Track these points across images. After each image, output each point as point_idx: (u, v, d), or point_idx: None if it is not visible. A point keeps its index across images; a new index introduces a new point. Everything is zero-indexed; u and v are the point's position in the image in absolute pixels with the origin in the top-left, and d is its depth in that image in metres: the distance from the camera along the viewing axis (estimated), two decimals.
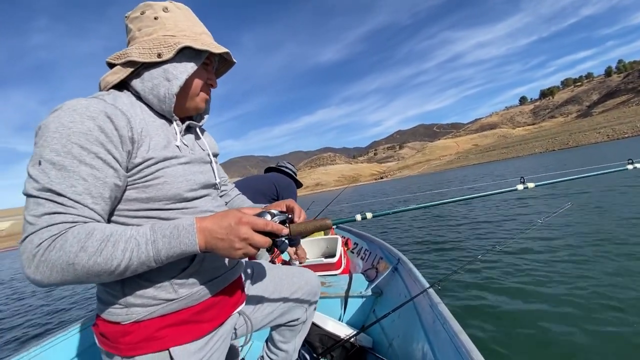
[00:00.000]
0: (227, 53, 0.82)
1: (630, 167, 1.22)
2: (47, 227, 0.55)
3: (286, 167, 2.63)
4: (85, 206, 0.60)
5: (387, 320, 1.53)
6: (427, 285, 1.44)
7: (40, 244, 0.54)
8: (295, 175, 2.63)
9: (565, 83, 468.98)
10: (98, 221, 0.62)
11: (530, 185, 1.12)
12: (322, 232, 3.91)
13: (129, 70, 0.74)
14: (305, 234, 0.79)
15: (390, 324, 1.67)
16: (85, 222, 0.59)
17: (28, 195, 0.58)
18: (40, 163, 0.58)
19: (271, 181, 2.28)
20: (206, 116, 0.94)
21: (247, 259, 1.09)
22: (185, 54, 0.76)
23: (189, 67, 0.76)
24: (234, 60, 0.89)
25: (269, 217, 0.72)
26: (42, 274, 0.54)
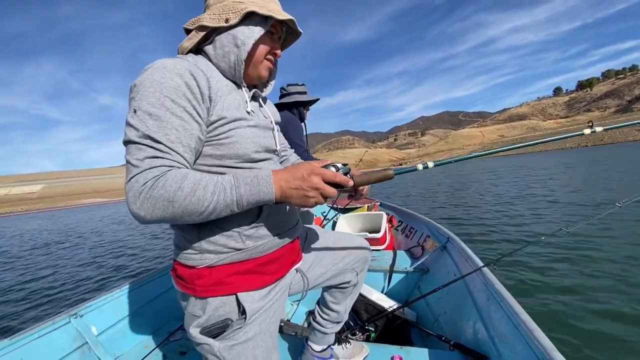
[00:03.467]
0: (291, 21, 0.83)
1: None
2: (149, 169, 0.62)
3: (286, 97, 2.10)
4: (178, 153, 0.67)
5: (433, 296, 1.55)
6: (481, 264, 1.43)
7: (146, 183, 0.60)
8: (300, 94, 2.10)
9: (607, 74, 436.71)
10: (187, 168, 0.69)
11: (599, 129, 1.11)
12: (367, 208, 3.97)
13: (201, 34, 0.79)
14: (368, 184, 0.85)
15: (436, 300, 1.69)
16: (179, 168, 0.66)
17: (130, 142, 0.64)
18: (138, 114, 0.64)
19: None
20: (270, 85, 0.98)
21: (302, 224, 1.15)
22: (252, 19, 0.78)
23: (256, 32, 0.78)
24: (300, 30, 0.89)
25: (333, 169, 0.77)
26: (146, 210, 0.61)
